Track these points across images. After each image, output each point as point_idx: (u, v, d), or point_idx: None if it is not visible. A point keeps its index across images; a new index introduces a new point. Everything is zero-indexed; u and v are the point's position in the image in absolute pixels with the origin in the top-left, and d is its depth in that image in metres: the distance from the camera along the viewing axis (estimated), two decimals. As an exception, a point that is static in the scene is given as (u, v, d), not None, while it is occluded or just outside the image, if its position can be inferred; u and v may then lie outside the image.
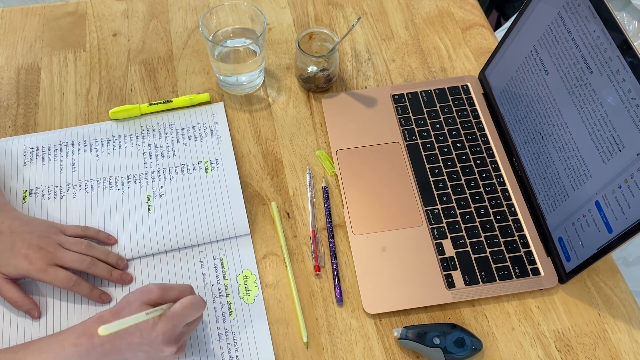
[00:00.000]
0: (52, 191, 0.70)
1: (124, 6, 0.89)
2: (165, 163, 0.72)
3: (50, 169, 0.71)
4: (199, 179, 0.71)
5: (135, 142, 0.74)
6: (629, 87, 0.53)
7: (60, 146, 0.73)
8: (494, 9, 1.64)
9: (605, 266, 0.67)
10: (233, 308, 0.63)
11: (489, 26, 0.89)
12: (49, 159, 0.72)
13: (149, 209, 0.68)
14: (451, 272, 0.65)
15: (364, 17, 0.89)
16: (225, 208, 0.69)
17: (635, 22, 1.24)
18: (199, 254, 0.66)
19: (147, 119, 0.76)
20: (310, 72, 0.77)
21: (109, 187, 0.70)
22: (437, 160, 0.73)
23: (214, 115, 0.77)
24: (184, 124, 0.76)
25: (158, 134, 0.75)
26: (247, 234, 0.68)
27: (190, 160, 0.73)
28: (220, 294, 0.64)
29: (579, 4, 0.59)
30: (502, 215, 0.69)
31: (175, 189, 0.70)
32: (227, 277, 0.65)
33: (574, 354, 0.61)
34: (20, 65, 0.82)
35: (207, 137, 0.75)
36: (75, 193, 0.70)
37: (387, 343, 0.62)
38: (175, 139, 0.75)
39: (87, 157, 0.73)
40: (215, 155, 0.73)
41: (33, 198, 0.69)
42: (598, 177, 0.58)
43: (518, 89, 0.72)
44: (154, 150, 0.74)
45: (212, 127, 0.76)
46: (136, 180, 0.71)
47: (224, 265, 0.65)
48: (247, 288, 0.64)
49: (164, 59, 0.84)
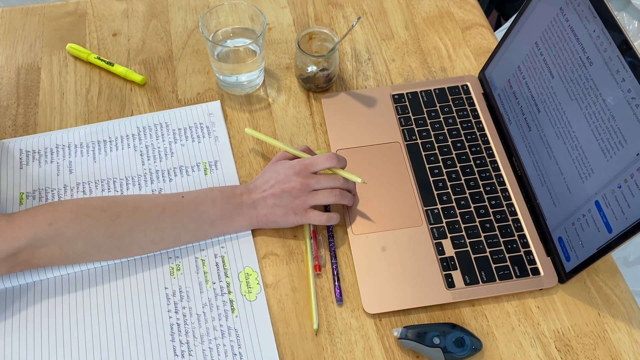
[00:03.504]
0: (50, 193, 0.69)
1: (123, 6, 0.89)
2: (164, 164, 0.72)
3: (47, 172, 0.71)
4: (199, 181, 0.71)
5: (133, 143, 0.74)
6: (628, 87, 0.53)
7: (57, 149, 0.73)
8: (494, 9, 1.64)
9: (605, 266, 0.67)
10: (235, 305, 0.63)
11: (489, 26, 0.89)
12: (45, 162, 0.72)
13: None
14: (451, 272, 0.65)
15: (364, 17, 0.89)
16: None
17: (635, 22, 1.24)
18: (200, 252, 0.66)
19: (143, 119, 0.76)
20: (310, 72, 0.77)
21: (107, 190, 0.70)
22: (437, 160, 0.73)
23: (211, 115, 0.77)
24: (181, 124, 0.76)
25: (155, 134, 0.75)
26: (247, 232, 0.68)
27: (188, 161, 0.73)
28: (223, 292, 0.64)
29: (579, 4, 0.59)
30: (502, 215, 0.69)
31: (175, 191, 0.70)
32: (229, 275, 0.65)
33: (574, 354, 0.61)
34: (20, 65, 0.82)
35: (205, 138, 0.75)
36: (73, 195, 0.69)
37: (387, 343, 0.62)
38: (172, 139, 0.75)
39: (85, 159, 0.72)
40: (213, 156, 0.73)
41: (30, 200, 0.69)
42: (598, 176, 0.58)
43: (518, 88, 0.72)
44: (151, 152, 0.73)
45: (209, 127, 0.76)
46: (135, 182, 0.71)
47: (226, 263, 0.66)
48: (249, 285, 0.64)
49: (164, 59, 0.84)
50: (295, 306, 0.64)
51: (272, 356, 0.60)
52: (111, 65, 0.81)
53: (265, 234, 0.68)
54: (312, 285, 0.64)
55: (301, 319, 0.63)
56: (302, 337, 0.62)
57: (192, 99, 0.80)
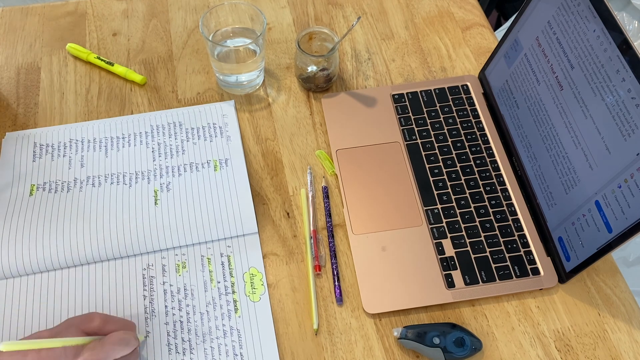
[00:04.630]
0: (60, 185, 0.70)
1: (123, 6, 0.89)
2: (174, 161, 0.73)
3: (59, 165, 0.72)
4: (208, 176, 0.71)
5: (145, 140, 0.75)
6: (628, 86, 0.53)
7: (70, 143, 0.74)
8: (494, 9, 1.64)
9: (605, 266, 0.67)
10: (239, 306, 0.63)
11: (489, 26, 0.89)
12: (58, 156, 0.73)
13: (155, 203, 0.69)
14: (451, 271, 0.65)
15: (363, 17, 0.89)
16: (233, 206, 0.69)
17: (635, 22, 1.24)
18: (207, 250, 0.66)
19: (157, 118, 0.77)
20: (310, 71, 0.77)
21: (116, 182, 0.71)
22: (437, 160, 0.73)
23: (224, 116, 0.77)
24: (194, 123, 0.76)
25: (168, 133, 0.75)
26: (254, 232, 0.68)
27: (199, 158, 0.73)
28: (227, 292, 0.64)
29: (579, 4, 0.59)
30: (502, 215, 0.69)
31: (184, 185, 0.70)
32: (234, 275, 0.65)
33: (574, 354, 0.61)
34: (20, 65, 0.82)
35: (217, 137, 0.75)
36: (82, 187, 0.70)
37: (387, 343, 0.62)
38: (185, 138, 0.75)
39: (97, 154, 0.73)
40: (224, 154, 0.74)
41: (40, 192, 0.70)
42: (598, 176, 0.58)
43: (518, 88, 0.72)
44: (163, 149, 0.74)
45: (222, 127, 0.76)
46: (144, 176, 0.71)
47: (231, 262, 0.66)
48: (254, 286, 0.64)
49: (164, 59, 0.84)
50: (295, 306, 0.64)
51: (273, 358, 0.60)
52: (111, 65, 0.81)
53: (265, 233, 0.68)
54: (312, 285, 0.64)
55: (301, 319, 0.63)
56: (302, 337, 0.62)
57: (192, 98, 0.80)
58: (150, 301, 0.63)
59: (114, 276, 0.64)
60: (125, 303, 0.63)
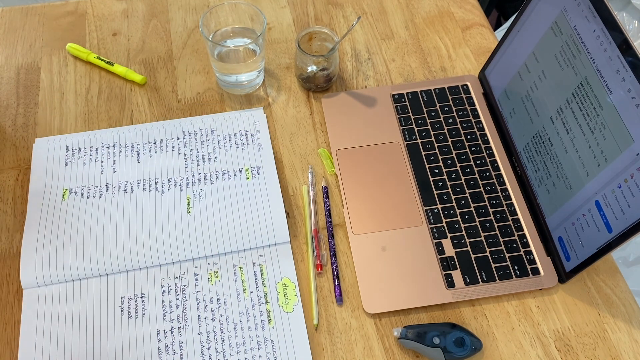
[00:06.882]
0: (92, 190, 0.70)
1: (123, 6, 0.89)
2: (207, 168, 0.72)
3: (91, 170, 0.72)
4: (240, 185, 0.71)
5: (177, 146, 0.74)
6: (628, 86, 0.53)
7: (102, 148, 0.74)
8: (494, 9, 1.64)
9: (605, 266, 0.67)
10: (272, 316, 0.62)
11: (489, 26, 0.89)
12: (90, 160, 0.73)
13: (188, 211, 0.68)
14: (451, 271, 0.65)
15: (363, 17, 0.89)
16: (265, 215, 0.68)
17: (635, 22, 1.24)
18: (239, 259, 0.66)
19: (189, 124, 0.76)
20: (310, 71, 0.77)
21: (148, 189, 0.70)
22: (437, 160, 0.73)
23: (256, 123, 0.77)
24: (226, 130, 0.76)
25: (200, 139, 0.75)
26: (286, 241, 0.67)
27: (231, 166, 0.73)
28: (260, 302, 0.63)
29: (579, 4, 0.59)
30: (502, 214, 0.69)
31: (216, 193, 0.70)
32: (267, 285, 0.64)
33: (574, 354, 0.61)
34: (20, 65, 0.82)
35: (249, 145, 0.75)
36: (114, 193, 0.70)
37: (387, 343, 0.62)
38: (217, 145, 0.75)
39: (129, 159, 0.73)
40: (256, 162, 0.73)
41: (72, 196, 0.69)
42: (598, 176, 0.58)
43: (518, 88, 0.72)
44: (195, 156, 0.74)
45: (253, 135, 0.76)
46: (176, 183, 0.71)
47: (264, 272, 0.65)
48: (287, 297, 0.64)
49: (164, 59, 0.84)
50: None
51: None
52: (111, 65, 0.81)
53: (265, 233, 0.68)
54: (312, 281, 0.64)
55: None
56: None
57: (192, 98, 0.80)
58: (182, 310, 0.62)
59: (145, 284, 0.64)
60: (158, 312, 0.62)
